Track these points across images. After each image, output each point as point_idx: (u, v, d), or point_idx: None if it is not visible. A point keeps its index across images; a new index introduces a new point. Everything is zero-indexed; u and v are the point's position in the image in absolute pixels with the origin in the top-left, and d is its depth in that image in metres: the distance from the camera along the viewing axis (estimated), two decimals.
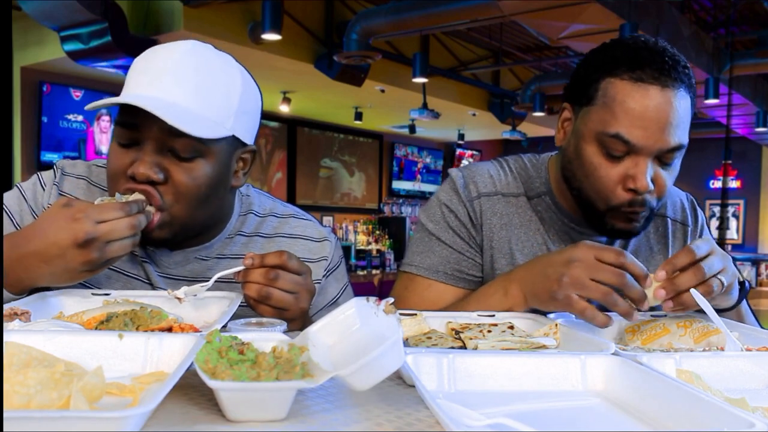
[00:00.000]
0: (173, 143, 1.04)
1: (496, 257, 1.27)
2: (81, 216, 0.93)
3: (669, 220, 1.36)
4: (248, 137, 1.16)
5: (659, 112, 1.08)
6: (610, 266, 0.97)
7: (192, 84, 1.05)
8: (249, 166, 1.19)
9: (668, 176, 1.15)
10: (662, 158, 1.13)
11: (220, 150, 1.10)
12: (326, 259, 1.28)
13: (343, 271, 1.34)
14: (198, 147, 1.05)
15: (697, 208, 1.41)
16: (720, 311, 1.04)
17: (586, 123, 1.15)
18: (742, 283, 1.11)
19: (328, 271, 1.29)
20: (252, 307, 1.04)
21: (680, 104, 1.11)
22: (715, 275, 0.98)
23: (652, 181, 1.12)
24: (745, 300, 1.16)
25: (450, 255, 1.28)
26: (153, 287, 1.19)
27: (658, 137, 1.09)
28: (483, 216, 1.28)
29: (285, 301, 1.02)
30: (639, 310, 0.99)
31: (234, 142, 1.12)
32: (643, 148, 1.10)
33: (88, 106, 1.07)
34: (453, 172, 1.33)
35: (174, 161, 1.05)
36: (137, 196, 1.03)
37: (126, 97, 1.03)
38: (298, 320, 1.07)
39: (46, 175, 1.24)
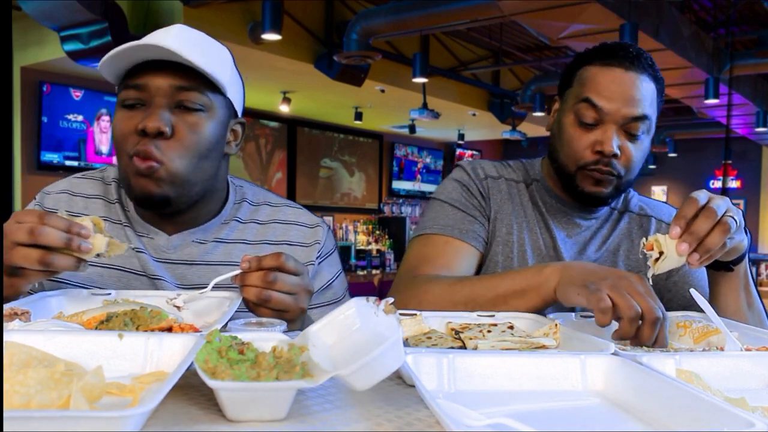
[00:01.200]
0: (181, 96, 1.11)
1: (498, 227, 1.39)
2: (18, 214, 0.94)
3: (653, 220, 1.43)
4: (239, 108, 1.24)
5: (622, 85, 1.26)
6: (651, 300, 0.95)
7: (196, 44, 1.13)
8: (240, 138, 1.26)
9: (635, 149, 1.28)
10: (628, 129, 1.26)
11: (220, 109, 1.17)
12: (319, 243, 1.31)
13: (336, 259, 1.36)
14: (203, 100, 1.13)
15: None
16: (738, 260, 1.13)
17: (566, 101, 1.34)
18: (745, 229, 1.13)
19: (321, 256, 1.31)
20: (251, 311, 1.03)
21: (643, 85, 1.27)
22: (725, 215, 1.00)
23: (620, 150, 1.26)
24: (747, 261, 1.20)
25: (464, 217, 1.37)
26: (148, 278, 1.20)
27: (621, 105, 1.25)
28: (490, 192, 1.42)
29: (284, 303, 1.02)
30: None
31: (230, 107, 1.20)
32: (608, 114, 1.25)
33: (104, 59, 1.10)
34: (462, 162, 1.50)
35: (180, 115, 1.12)
36: (87, 222, 0.96)
37: (144, 43, 1.07)
38: (297, 321, 1.07)
39: (29, 207, 1.27)
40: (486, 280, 1.18)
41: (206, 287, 1.05)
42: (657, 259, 1.02)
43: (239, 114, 1.25)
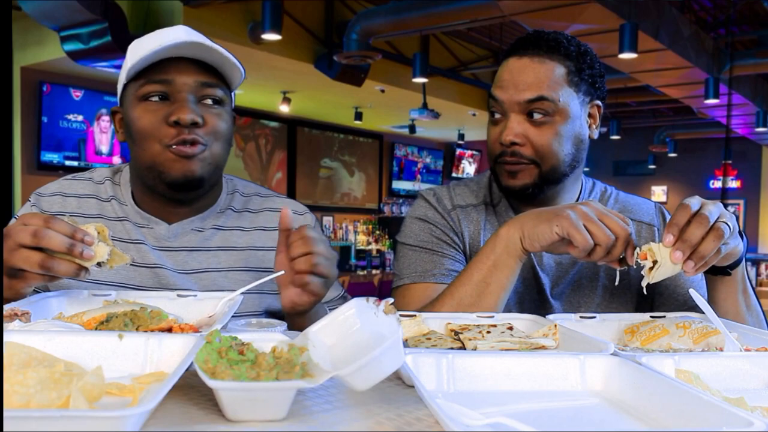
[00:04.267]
0: (204, 92, 1.20)
1: (473, 252, 1.33)
2: (24, 216, 0.95)
3: (633, 222, 1.38)
4: (233, 103, 1.33)
5: (513, 72, 1.26)
6: (616, 218, 1.05)
7: (205, 39, 1.19)
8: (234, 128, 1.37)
9: (540, 132, 1.25)
10: (529, 113, 1.25)
11: (229, 104, 1.27)
12: (309, 227, 1.33)
13: None
14: (221, 95, 1.22)
15: (665, 212, 1.43)
16: (735, 265, 1.12)
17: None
18: (740, 233, 1.12)
19: None
20: (299, 285, 1.07)
21: (538, 67, 1.25)
22: (717, 221, 1.00)
23: (524, 136, 1.25)
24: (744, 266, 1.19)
25: (439, 259, 1.32)
26: (148, 268, 1.22)
27: (512, 92, 1.25)
28: (462, 224, 1.37)
29: (327, 271, 1.07)
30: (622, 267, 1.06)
31: (231, 102, 1.29)
32: (504, 102, 1.26)
33: (135, 61, 1.15)
34: (422, 192, 1.45)
35: (205, 108, 1.20)
36: (91, 229, 0.97)
37: (167, 45, 1.14)
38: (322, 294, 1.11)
39: (24, 208, 1.30)
40: (458, 280, 1.17)
41: (205, 272, 1.14)
42: (651, 268, 1.02)
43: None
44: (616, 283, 1.24)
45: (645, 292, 1.07)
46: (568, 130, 1.26)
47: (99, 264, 0.96)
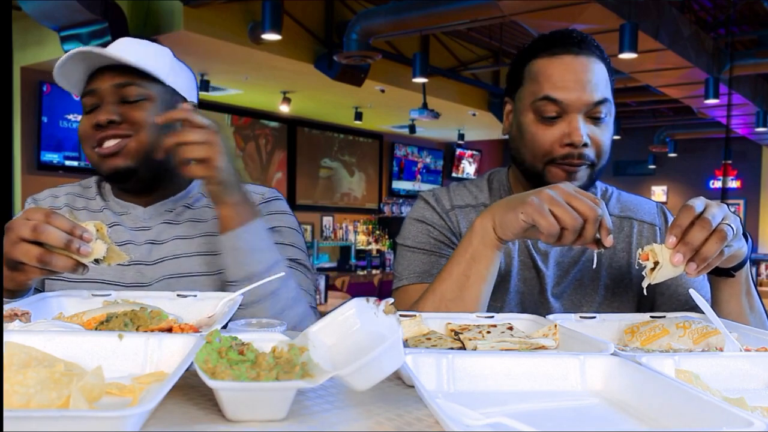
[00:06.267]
0: (122, 92, 1.29)
1: None
2: (28, 211, 0.98)
3: (635, 222, 1.38)
4: (188, 93, 1.41)
5: (576, 72, 1.23)
6: (585, 198, 1.03)
7: (130, 47, 1.33)
8: None
9: (602, 132, 1.25)
10: (591, 114, 1.23)
11: (163, 96, 1.34)
12: (266, 196, 1.44)
13: (292, 220, 1.44)
14: (143, 92, 1.30)
15: (667, 212, 1.43)
16: (738, 267, 1.11)
17: (521, 100, 1.29)
18: (744, 235, 1.12)
19: (267, 200, 1.43)
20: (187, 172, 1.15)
21: (595, 67, 1.24)
22: (721, 223, 0.99)
23: (588, 137, 1.22)
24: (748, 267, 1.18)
25: (437, 260, 1.32)
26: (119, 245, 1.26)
27: (581, 93, 1.21)
28: (460, 224, 1.36)
29: (200, 152, 1.13)
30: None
31: (173, 93, 1.36)
32: (570, 104, 1.22)
33: (59, 63, 1.29)
34: (422, 193, 1.44)
35: (126, 106, 1.30)
36: (90, 226, 0.99)
37: (80, 50, 1.27)
38: (230, 185, 1.18)
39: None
40: (439, 276, 1.16)
41: (174, 240, 1.31)
42: (653, 269, 1.02)
43: (191, 98, 1.43)
44: (594, 266, 1.25)
45: (645, 293, 1.07)
46: (612, 133, 1.28)
47: (96, 261, 0.97)
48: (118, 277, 1.30)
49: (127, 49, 1.31)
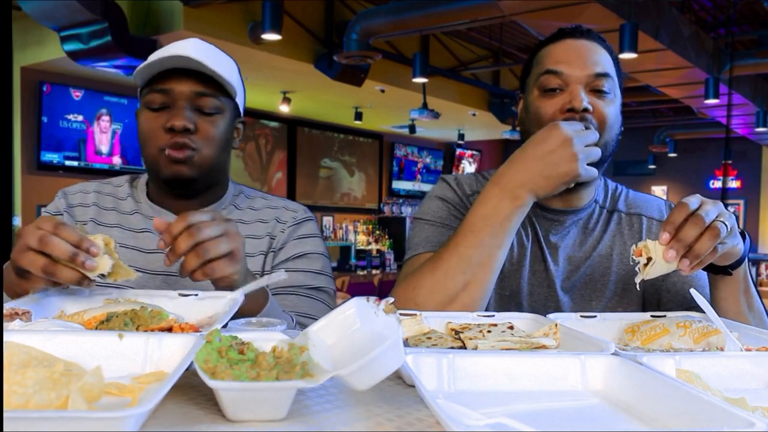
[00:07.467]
0: (199, 101, 1.30)
1: None
2: (40, 220, 0.98)
3: (644, 218, 1.40)
4: (242, 110, 1.44)
5: (578, 48, 1.28)
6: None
7: (211, 54, 1.32)
8: (241, 134, 1.47)
9: (605, 105, 1.26)
10: (593, 87, 1.26)
11: (230, 111, 1.36)
12: (296, 214, 1.44)
13: (318, 242, 1.44)
14: (217, 105, 1.32)
15: None
16: (736, 265, 1.11)
17: (529, 85, 1.34)
18: (742, 233, 1.12)
19: (297, 221, 1.42)
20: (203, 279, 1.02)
21: (598, 49, 1.29)
22: (715, 220, 0.99)
23: (590, 105, 1.24)
24: (747, 267, 1.18)
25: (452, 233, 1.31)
26: (155, 255, 1.31)
27: (581, 65, 1.26)
28: None
29: (218, 250, 1.00)
30: None
31: (236, 108, 1.39)
32: (570, 75, 1.25)
33: (138, 69, 1.28)
34: (444, 176, 1.47)
35: (200, 116, 1.30)
36: (99, 240, 0.98)
37: (167, 57, 1.26)
38: (243, 275, 1.06)
39: (52, 203, 1.44)
40: (453, 240, 1.17)
41: None
42: (646, 265, 1.02)
43: (241, 114, 1.44)
44: (638, 288, 1.24)
45: (638, 288, 1.08)
46: (617, 114, 1.29)
47: (102, 276, 0.97)
48: (142, 285, 1.22)
49: (208, 55, 1.29)
